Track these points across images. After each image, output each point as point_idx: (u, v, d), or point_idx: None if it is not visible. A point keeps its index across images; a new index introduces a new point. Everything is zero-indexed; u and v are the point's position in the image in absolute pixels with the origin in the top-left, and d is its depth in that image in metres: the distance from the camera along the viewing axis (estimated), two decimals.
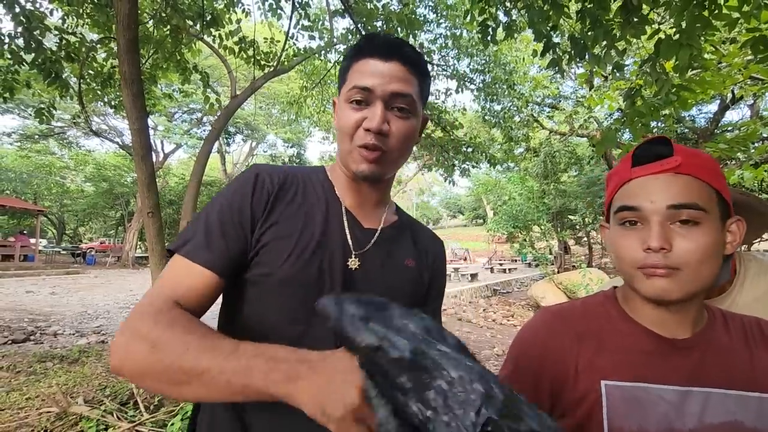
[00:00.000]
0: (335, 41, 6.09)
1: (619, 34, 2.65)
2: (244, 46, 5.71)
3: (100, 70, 5.27)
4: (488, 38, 3.41)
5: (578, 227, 18.56)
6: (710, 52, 3.70)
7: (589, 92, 10.15)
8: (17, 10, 3.99)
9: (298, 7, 5.47)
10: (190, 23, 5.14)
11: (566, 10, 2.96)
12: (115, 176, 22.12)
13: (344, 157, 0.77)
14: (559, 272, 13.76)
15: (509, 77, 9.15)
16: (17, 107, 17.80)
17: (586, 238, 19.40)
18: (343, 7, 5.29)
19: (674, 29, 2.43)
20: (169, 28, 5.06)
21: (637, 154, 0.66)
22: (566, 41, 3.68)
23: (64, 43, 4.58)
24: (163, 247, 3.26)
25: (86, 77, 5.17)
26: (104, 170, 22.09)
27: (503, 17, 3.58)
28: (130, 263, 19.23)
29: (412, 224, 0.91)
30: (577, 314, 0.73)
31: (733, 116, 21.94)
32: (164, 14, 4.94)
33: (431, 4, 7.94)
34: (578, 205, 15.47)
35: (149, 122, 3.97)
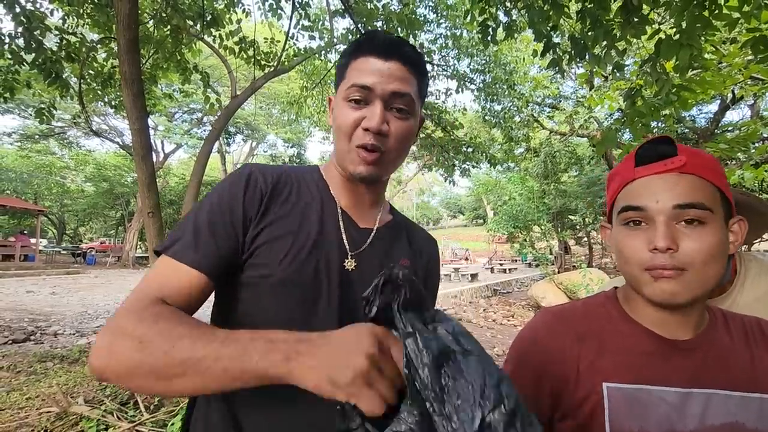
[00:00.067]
0: (335, 41, 6.09)
1: (619, 34, 2.65)
2: (244, 46, 5.71)
3: (100, 70, 5.26)
4: (488, 38, 3.41)
5: (578, 227, 18.54)
6: (710, 52, 3.70)
7: (589, 92, 10.14)
8: (17, 10, 3.99)
9: (298, 7, 5.47)
10: (190, 23, 5.14)
11: (566, 10, 2.96)
12: (115, 176, 22.15)
13: (341, 156, 0.75)
14: (559, 272, 13.73)
15: (509, 77, 9.15)
16: (17, 107, 17.83)
17: (586, 238, 19.39)
18: (343, 7, 5.29)
19: (674, 29, 2.43)
20: (169, 28, 5.06)
21: (640, 153, 0.66)
22: (566, 41, 3.68)
23: (64, 43, 4.58)
24: None
25: (86, 77, 5.17)
26: (104, 170, 22.14)
27: (503, 17, 3.59)
28: (130, 263, 19.23)
29: (406, 224, 0.91)
30: (578, 315, 0.73)
31: (733, 116, 21.98)
32: (164, 14, 4.94)
33: (431, 4, 7.94)
34: (578, 205, 15.45)
35: (149, 122, 3.97)
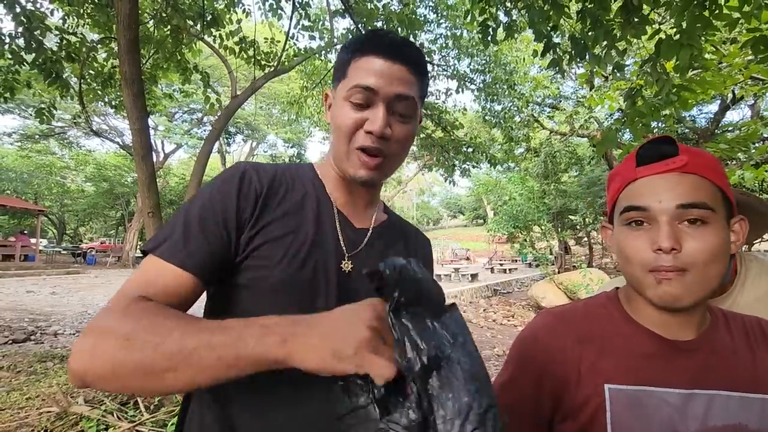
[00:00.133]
0: (335, 41, 6.08)
1: (619, 34, 2.65)
2: (244, 46, 5.71)
3: (100, 70, 5.26)
4: (488, 38, 3.41)
5: (579, 227, 18.54)
6: (711, 52, 3.70)
7: (589, 92, 10.13)
8: (18, 10, 3.99)
9: (298, 7, 5.46)
10: (190, 23, 5.14)
11: (567, 10, 2.96)
12: (115, 176, 22.17)
13: (340, 157, 0.74)
14: (559, 272, 13.73)
15: (510, 77, 9.15)
16: (18, 107, 17.84)
17: (586, 238, 19.40)
18: (343, 7, 5.29)
19: (675, 29, 2.43)
20: (169, 28, 5.07)
21: (641, 153, 0.65)
22: (567, 41, 3.68)
23: (64, 43, 4.58)
24: None
25: (87, 77, 5.17)
26: (105, 170, 22.16)
27: (503, 17, 3.59)
28: (130, 263, 19.23)
29: (401, 223, 0.91)
30: (579, 316, 0.73)
31: (733, 116, 21.93)
32: (165, 14, 4.94)
33: (431, 4, 7.94)
34: (579, 205, 15.45)
35: (150, 122, 3.97)
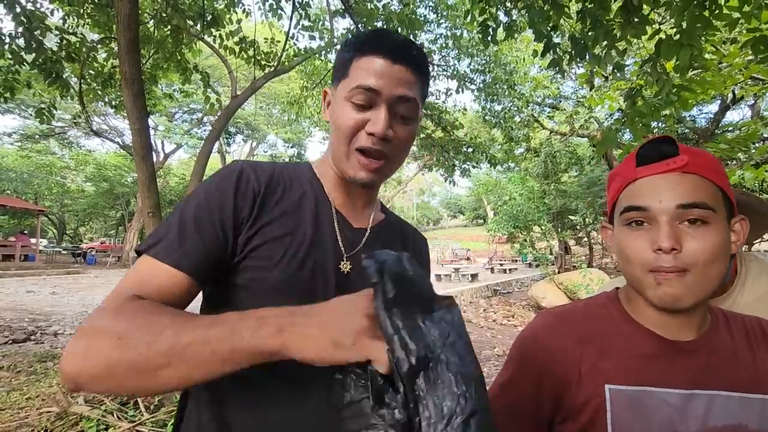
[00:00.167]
0: (335, 41, 6.09)
1: (619, 34, 2.65)
2: (244, 46, 5.71)
3: (100, 70, 5.26)
4: (488, 38, 3.40)
5: (579, 227, 18.56)
6: (711, 52, 3.70)
7: (589, 92, 10.13)
8: (18, 10, 3.99)
9: (298, 7, 5.46)
10: (190, 23, 5.14)
11: (567, 10, 2.96)
12: (115, 176, 22.18)
13: (339, 158, 0.73)
14: (559, 272, 13.73)
15: (510, 77, 9.15)
16: (18, 107, 17.86)
17: (586, 238, 19.41)
18: (343, 7, 5.29)
19: (675, 29, 2.43)
20: (169, 28, 5.06)
21: (641, 153, 0.65)
22: (567, 41, 3.68)
23: (64, 43, 4.58)
24: None
25: (87, 77, 5.16)
26: (105, 170, 22.17)
27: (503, 17, 3.58)
28: (130, 263, 19.22)
29: (399, 223, 0.91)
30: (579, 316, 0.73)
31: (733, 116, 21.98)
32: (165, 14, 4.94)
33: (431, 4, 7.94)
34: (579, 205, 15.46)
35: (150, 122, 3.97)
